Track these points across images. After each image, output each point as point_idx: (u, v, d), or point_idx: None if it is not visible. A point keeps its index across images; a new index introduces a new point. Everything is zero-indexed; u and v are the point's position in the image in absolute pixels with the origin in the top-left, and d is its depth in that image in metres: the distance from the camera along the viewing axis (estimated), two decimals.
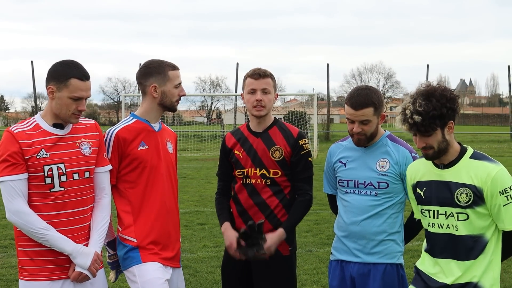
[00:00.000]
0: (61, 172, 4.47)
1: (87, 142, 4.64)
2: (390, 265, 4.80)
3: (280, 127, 5.18)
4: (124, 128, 4.91)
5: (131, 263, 4.82)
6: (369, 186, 4.81)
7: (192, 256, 10.13)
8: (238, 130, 5.28)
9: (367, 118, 4.74)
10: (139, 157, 4.86)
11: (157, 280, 4.73)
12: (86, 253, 4.53)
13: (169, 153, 5.04)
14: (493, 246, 4.19)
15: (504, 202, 4.10)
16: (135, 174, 4.87)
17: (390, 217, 4.81)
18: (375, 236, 4.80)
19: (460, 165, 4.21)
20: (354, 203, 4.85)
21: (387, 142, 4.89)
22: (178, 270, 5.08)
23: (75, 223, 4.56)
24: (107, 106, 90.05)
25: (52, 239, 4.42)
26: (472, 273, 4.16)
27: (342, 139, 5.13)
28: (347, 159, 4.95)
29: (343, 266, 4.92)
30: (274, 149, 5.07)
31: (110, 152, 4.84)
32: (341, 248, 4.93)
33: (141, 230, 4.85)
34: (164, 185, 4.93)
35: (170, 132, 5.20)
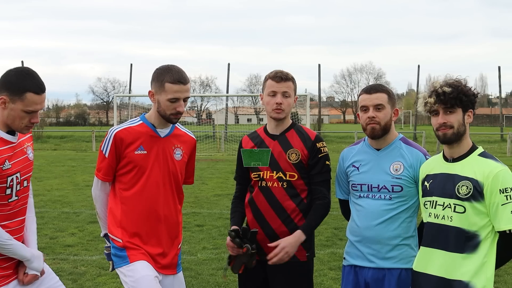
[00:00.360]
0: (17, 181, 4.41)
1: (30, 146, 4.60)
2: (405, 270, 4.72)
3: (298, 130, 5.13)
4: (125, 129, 4.88)
5: (120, 263, 4.83)
6: (383, 189, 4.75)
7: (192, 258, 10.09)
8: (255, 133, 5.23)
9: (381, 102, 4.77)
10: (134, 160, 4.83)
11: (146, 277, 4.70)
12: (38, 256, 4.55)
13: (174, 160, 4.95)
14: (487, 247, 4.15)
15: (503, 201, 4.08)
16: (129, 177, 4.86)
17: (404, 221, 4.76)
18: (389, 241, 4.74)
19: (468, 160, 4.26)
20: (368, 207, 4.79)
21: (400, 144, 4.86)
22: (174, 277, 5.03)
23: (22, 229, 4.56)
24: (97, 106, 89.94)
25: (15, 249, 4.38)
26: (461, 270, 4.14)
27: (354, 143, 5.10)
28: (360, 162, 4.90)
29: (357, 272, 4.85)
30: (291, 152, 5.01)
31: (109, 151, 4.83)
32: (354, 253, 4.87)
33: (127, 233, 4.84)
34: (159, 193, 4.88)
35: (185, 138, 5.11)
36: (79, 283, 8.81)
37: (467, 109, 4.27)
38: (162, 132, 4.94)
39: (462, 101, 4.22)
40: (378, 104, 4.77)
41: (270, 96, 5.06)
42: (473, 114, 4.32)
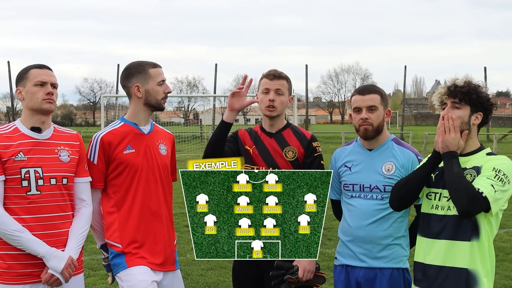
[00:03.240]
0: (38, 176, 4.45)
1: (66, 150, 4.62)
2: (396, 269, 4.75)
3: (294, 129, 5.15)
4: (110, 132, 4.87)
5: (118, 269, 4.80)
6: (374, 190, 4.76)
7: (181, 259, 9.98)
8: (251, 129, 5.24)
9: (374, 104, 4.78)
10: (124, 161, 4.81)
11: (142, 283, 4.67)
12: (60, 257, 4.46)
13: (161, 155, 4.96)
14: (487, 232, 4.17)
15: (491, 175, 4.09)
16: (121, 178, 4.83)
17: (395, 221, 4.75)
18: (381, 241, 4.73)
19: (476, 156, 4.29)
20: (360, 207, 4.79)
21: (392, 145, 4.87)
22: (173, 273, 5.03)
23: (51, 228, 4.50)
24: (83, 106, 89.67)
25: (26, 242, 4.36)
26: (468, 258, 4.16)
27: (346, 144, 5.10)
28: (352, 163, 4.90)
29: (348, 271, 4.84)
30: (287, 149, 5.02)
31: (97, 157, 4.81)
32: (346, 252, 4.86)
33: (126, 235, 4.80)
34: (149, 188, 4.86)
35: (165, 134, 5.13)
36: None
37: (476, 110, 4.28)
38: (145, 129, 4.95)
39: (471, 98, 4.25)
40: (371, 106, 4.78)
41: (263, 93, 5.08)
42: (482, 117, 4.30)
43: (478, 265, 4.16)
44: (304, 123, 46.66)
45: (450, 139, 4.20)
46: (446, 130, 4.22)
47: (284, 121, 5.19)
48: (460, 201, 4.05)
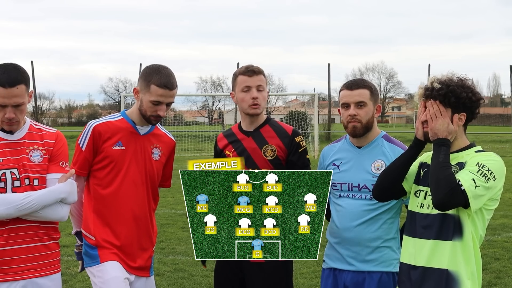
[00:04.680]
0: (14, 178, 4.38)
1: (39, 150, 4.51)
2: (386, 273, 4.57)
3: (273, 125, 4.99)
4: (105, 123, 4.80)
5: (90, 263, 4.75)
6: (363, 189, 4.60)
7: (187, 259, 9.96)
8: (229, 131, 5.11)
9: (363, 99, 4.62)
10: (111, 156, 4.74)
11: (115, 279, 4.61)
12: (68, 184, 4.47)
13: (152, 160, 4.86)
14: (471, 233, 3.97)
15: (473, 170, 3.89)
16: (104, 172, 4.75)
17: (385, 222, 4.59)
18: (369, 243, 4.57)
19: (463, 153, 4.09)
20: (348, 207, 4.63)
21: (382, 142, 4.71)
22: (146, 279, 4.93)
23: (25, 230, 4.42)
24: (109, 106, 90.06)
25: (40, 199, 4.32)
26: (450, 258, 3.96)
27: (335, 141, 4.94)
28: (340, 161, 4.74)
29: (336, 275, 4.69)
30: (266, 148, 4.88)
31: (86, 145, 4.74)
32: (333, 255, 4.71)
33: (100, 230, 4.74)
34: (135, 191, 4.79)
35: (165, 139, 5.01)
36: (70, 284, 8.72)
37: (458, 111, 4.05)
38: (142, 130, 4.85)
39: (450, 101, 4.01)
40: (360, 101, 4.62)
41: (244, 92, 4.93)
42: (465, 117, 4.07)
43: (461, 266, 3.96)
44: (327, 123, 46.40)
45: (438, 125, 4.00)
46: (433, 117, 4.02)
47: (263, 117, 5.03)
48: (437, 191, 3.87)
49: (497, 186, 3.95)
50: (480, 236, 4.03)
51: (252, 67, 4.96)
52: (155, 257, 9.96)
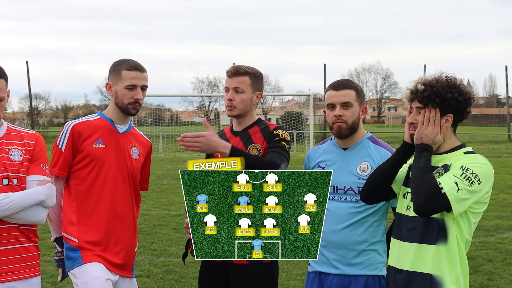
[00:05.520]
0: None
1: (19, 149, 4.46)
2: (372, 277, 4.53)
3: (261, 126, 4.89)
4: (83, 122, 4.77)
5: (73, 265, 4.68)
6: (349, 191, 4.55)
7: (178, 261, 9.79)
8: (221, 131, 5.06)
9: (349, 100, 4.56)
10: (92, 154, 4.68)
11: (97, 279, 4.56)
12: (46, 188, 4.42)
13: (132, 158, 4.83)
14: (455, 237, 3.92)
15: (457, 173, 3.84)
16: (86, 171, 4.70)
17: (371, 225, 4.54)
18: (355, 246, 4.52)
19: (451, 155, 4.04)
20: (333, 210, 4.55)
21: (368, 144, 4.66)
22: (130, 280, 4.90)
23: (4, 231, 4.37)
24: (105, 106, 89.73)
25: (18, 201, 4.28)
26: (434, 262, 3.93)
27: (321, 142, 4.88)
28: (326, 162, 4.69)
29: (322, 278, 4.63)
30: (251, 147, 4.81)
31: (65, 145, 4.68)
32: (319, 258, 4.48)
33: (83, 231, 4.67)
34: (117, 189, 4.75)
35: (142, 139, 5.00)
36: (59, 286, 8.56)
37: (444, 113, 3.99)
38: (121, 128, 4.84)
39: (435, 103, 3.95)
40: (346, 102, 4.56)
41: (225, 92, 4.89)
42: (452, 118, 4.02)
43: (445, 271, 3.92)
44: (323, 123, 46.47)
45: (427, 131, 3.96)
46: (425, 122, 3.97)
47: (254, 119, 4.93)
48: (417, 196, 3.85)
49: (482, 189, 3.89)
50: (466, 240, 3.98)
51: (234, 67, 4.86)
52: (146, 259, 9.99)
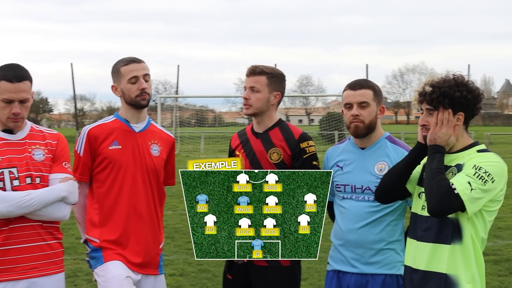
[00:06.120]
0: (13, 177, 4.41)
1: (41, 149, 4.56)
2: (389, 276, 4.53)
3: (282, 128, 4.88)
4: (98, 126, 4.85)
5: (95, 264, 4.76)
6: (366, 191, 4.56)
7: (212, 260, 9.78)
8: (243, 131, 5.06)
9: (366, 100, 4.57)
10: (109, 156, 4.76)
11: (117, 277, 4.61)
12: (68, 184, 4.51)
13: (151, 156, 4.86)
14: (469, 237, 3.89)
15: (470, 173, 3.81)
16: (105, 174, 4.78)
17: (389, 224, 4.55)
18: (373, 245, 4.53)
19: (464, 154, 4.01)
20: (351, 209, 4.59)
21: (386, 143, 4.66)
22: (155, 277, 4.92)
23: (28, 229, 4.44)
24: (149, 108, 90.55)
25: (41, 197, 4.36)
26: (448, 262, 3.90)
27: (339, 142, 4.89)
28: (344, 162, 4.70)
29: (340, 277, 4.65)
30: (272, 151, 4.80)
31: (83, 150, 4.78)
32: (337, 257, 4.68)
33: (104, 231, 4.75)
34: (136, 189, 4.79)
35: (163, 135, 5.02)
36: (94, 283, 8.65)
37: (454, 112, 3.96)
38: (137, 127, 4.87)
39: (444, 104, 3.94)
40: (363, 102, 4.57)
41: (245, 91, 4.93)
42: (463, 117, 3.98)
43: (460, 270, 3.89)
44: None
45: (440, 133, 3.95)
46: (439, 123, 3.96)
47: (274, 119, 4.94)
48: (430, 198, 3.83)
49: (496, 188, 3.86)
50: (481, 239, 3.96)
51: (253, 66, 4.90)
52: (181, 258, 10.06)
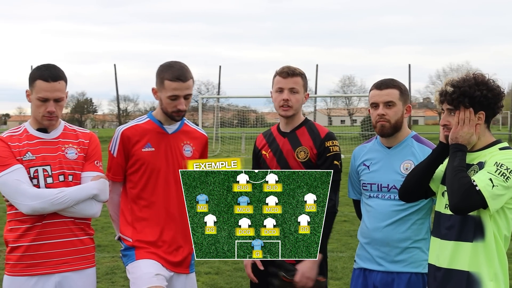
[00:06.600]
0: (46, 174, 4.54)
1: (74, 148, 4.69)
2: (415, 274, 4.54)
3: (309, 128, 4.96)
4: (132, 127, 4.87)
5: (127, 262, 4.82)
6: (392, 189, 4.58)
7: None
8: (269, 131, 5.13)
9: (392, 99, 4.59)
10: (142, 158, 4.79)
11: (146, 275, 4.65)
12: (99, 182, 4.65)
13: (184, 157, 4.87)
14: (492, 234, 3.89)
15: (491, 170, 3.80)
16: (138, 175, 4.81)
17: (415, 223, 4.56)
18: (398, 243, 4.56)
19: (486, 152, 4.00)
20: (377, 208, 4.63)
21: (412, 142, 4.67)
22: (186, 276, 4.95)
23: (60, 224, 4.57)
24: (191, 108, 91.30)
25: (73, 195, 4.50)
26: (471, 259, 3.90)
27: (366, 141, 4.94)
28: (370, 161, 4.74)
29: (366, 275, 4.69)
30: (299, 150, 4.87)
31: (117, 150, 4.83)
32: (364, 255, 4.71)
33: (137, 232, 4.81)
34: (169, 191, 4.82)
35: (196, 134, 5.03)
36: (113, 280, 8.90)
37: (475, 111, 3.96)
38: (170, 129, 4.89)
39: (464, 103, 3.94)
40: (389, 101, 4.59)
41: (277, 92, 4.93)
42: (484, 115, 3.98)
43: (483, 267, 3.89)
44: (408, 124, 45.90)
45: (462, 132, 3.95)
46: (460, 122, 3.96)
47: (301, 119, 5.01)
48: (452, 195, 3.83)
49: None
50: (504, 236, 3.95)
51: (288, 68, 4.94)
52: None
